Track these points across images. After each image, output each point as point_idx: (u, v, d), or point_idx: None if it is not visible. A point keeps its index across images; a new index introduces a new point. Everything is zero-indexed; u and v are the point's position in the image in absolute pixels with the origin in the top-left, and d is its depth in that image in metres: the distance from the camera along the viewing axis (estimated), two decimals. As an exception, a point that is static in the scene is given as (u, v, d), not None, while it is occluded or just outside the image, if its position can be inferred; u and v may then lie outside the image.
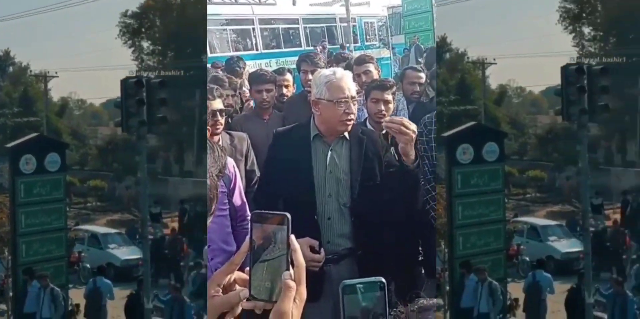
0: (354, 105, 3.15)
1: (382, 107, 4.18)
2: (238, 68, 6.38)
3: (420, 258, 4.85)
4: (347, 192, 3.19)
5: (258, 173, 4.36)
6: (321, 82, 3.16)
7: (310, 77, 4.37)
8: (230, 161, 3.85)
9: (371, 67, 5.23)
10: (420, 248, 4.78)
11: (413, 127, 3.00)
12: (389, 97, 4.20)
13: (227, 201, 3.75)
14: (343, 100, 3.09)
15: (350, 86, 3.14)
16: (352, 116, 3.14)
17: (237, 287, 1.31)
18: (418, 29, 17.96)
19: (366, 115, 4.42)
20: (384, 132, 4.26)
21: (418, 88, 5.25)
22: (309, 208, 3.16)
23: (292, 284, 1.22)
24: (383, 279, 1.30)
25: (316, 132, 3.21)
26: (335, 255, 3.19)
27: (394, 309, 1.34)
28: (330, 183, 3.19)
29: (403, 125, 2.97)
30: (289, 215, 1.25)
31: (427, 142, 4.13)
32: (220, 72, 6.49)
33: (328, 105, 3.11)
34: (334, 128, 3.16)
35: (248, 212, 3.82)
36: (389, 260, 4.31)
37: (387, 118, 3.03)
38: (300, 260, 1.24)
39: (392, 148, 4.33)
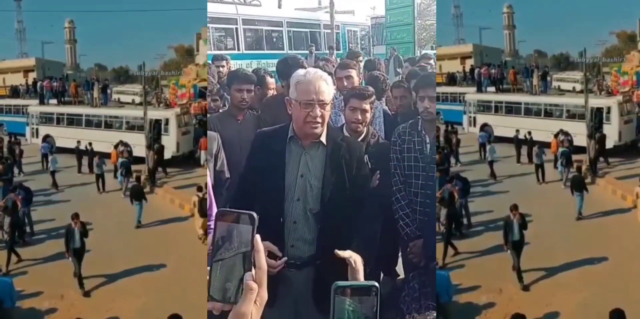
0: (324, 109, 3.04)
1: (359, 116, 4.15)
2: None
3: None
4: (316, 198, 3.12)
5: (228, 175, 4.30)
6: (293, 82, 3.11)
7: None
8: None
9: (353, 73, 5.21)
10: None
11: None
12: (367, 106, 4.17)
13: None
14: (308, 102, 3.02)
15: (320, 89, 3.02)
16: (319, 119, 3.04)
17: None
18: (400, 40, 18.06)
19: (344, 121, 4.41)
20: (361, 138, 4.25)
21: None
22: (277, 211, 3.11)
23: (254, 285, 1.20)
24: (377, 284, 1.26)
25: (292, 133, 3.15)
26: (299, 260, 3.13)
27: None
28: (300, 187, 3.12)
29: None
30: (255, 215, 1.23)
31: (400, 152, 4.13)
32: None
33: (295, 105, 3.07)
34: (301, 129, 3.11)
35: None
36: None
37: None
38: (262, 261, 1.22)
39: (366, 157, 4.33)
